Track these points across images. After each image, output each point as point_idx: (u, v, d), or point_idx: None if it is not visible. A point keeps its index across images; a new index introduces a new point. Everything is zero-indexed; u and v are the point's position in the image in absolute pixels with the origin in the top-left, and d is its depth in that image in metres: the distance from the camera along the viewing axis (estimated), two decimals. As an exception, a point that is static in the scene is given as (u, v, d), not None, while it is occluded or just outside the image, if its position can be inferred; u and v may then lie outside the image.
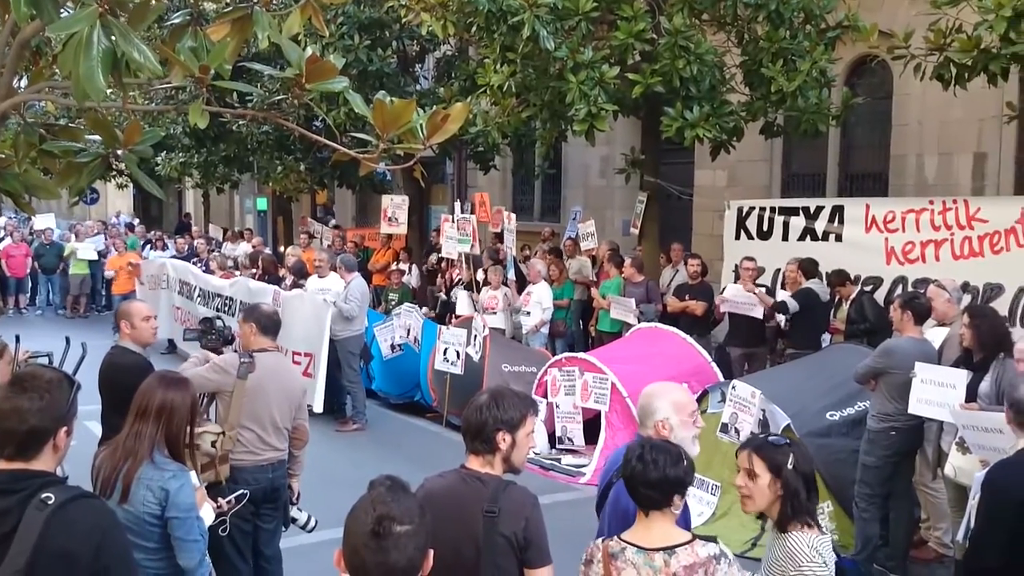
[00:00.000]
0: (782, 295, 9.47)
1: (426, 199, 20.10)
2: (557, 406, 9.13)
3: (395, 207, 13.81)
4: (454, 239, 11.72)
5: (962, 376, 5.77)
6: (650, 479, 3.00)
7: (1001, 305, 7.92)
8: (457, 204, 12.69)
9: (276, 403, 5.08)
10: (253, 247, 16.53)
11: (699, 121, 9.37)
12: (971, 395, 5.74)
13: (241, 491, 4.78)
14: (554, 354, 10.43)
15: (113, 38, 2.60)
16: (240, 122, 16.06)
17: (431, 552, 2.22)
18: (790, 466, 3.22)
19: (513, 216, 12.37)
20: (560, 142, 14.71)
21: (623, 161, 12.41)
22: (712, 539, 3.06)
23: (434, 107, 3.15)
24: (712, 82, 9.67)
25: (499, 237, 13.09)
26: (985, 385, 5.76)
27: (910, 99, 11.58)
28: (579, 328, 12.59)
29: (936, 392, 5.82)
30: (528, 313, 11.35)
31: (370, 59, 13.18)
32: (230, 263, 14.48)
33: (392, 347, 11.11)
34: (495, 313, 11.46)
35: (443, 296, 13.40)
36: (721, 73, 10.04)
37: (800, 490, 3.23)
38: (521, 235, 15.75)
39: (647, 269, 11.37)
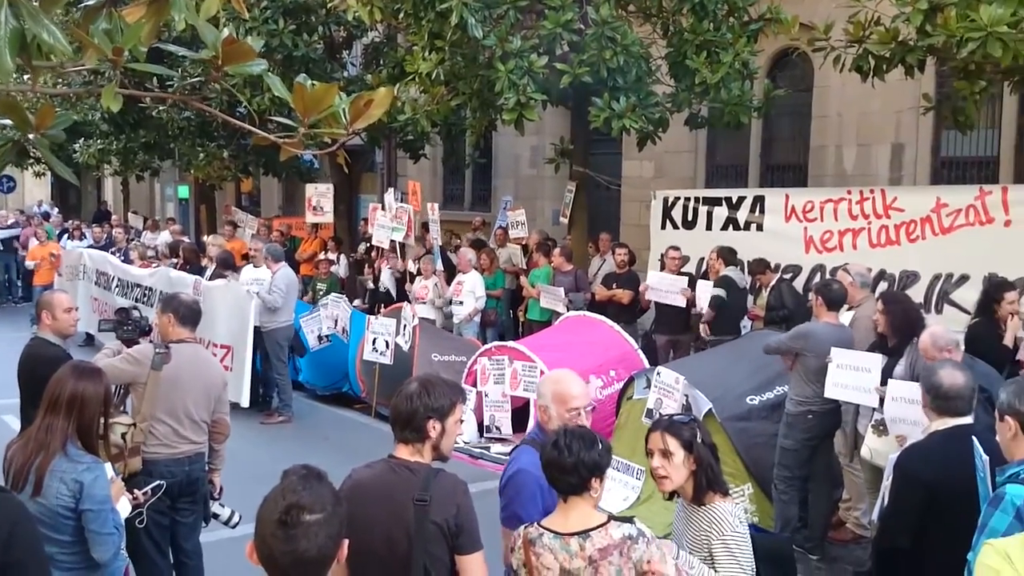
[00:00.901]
0: (703, 285, 9.60)
1: (355, 188, 19.90)
2: (486, 395, 9.15)
3: (319, 196, 13.64)
4: (386, 227, 11.63)
5: (877, 360, 5.95)
6: (565, 465, 3.07)
7: (917, 292, 8.20)
8: (390, 192, 12.59)
9: (192, 396, 4.97)
10: (172, 235, 16.17)
11: (626, 112, 9.45)
12: (886, 379, 5.91)
13: (157, 483, 4.68)
14: (485, 343, 10.45)
15: (22, 19, 2.51)
16: (160, 107, 15.66)
17: (345, 541, 2.21)
18: (699, 440, 3.43)
19: (437, 206, 12.35)
20: (490, 131, 14.68)
21: (553, 151, 12.47)
22: (629, 519, 3.12)
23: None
24: (638, 73, 9.75)
25: (426, 227, 13.05)
26: (899, 369, 5.94)
27: (830, 91, 11.87)
28: (509, 317, 12.63)
29: (852, 376, 5.99)
30: (461, 303, 11.33)
31: (295, 44, 12.96)
32: (150, 252, 14.14)
33: (319, 338, 10.99)
34: (425, 303, 11.43)
35: (371, 285, 13.30)
36: (647, 64, 10.14)
37: (712, 462, 3.44)
38: (452, 224, 15.76)
39: (576, 258, 11.46)
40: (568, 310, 10.31)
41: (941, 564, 3.62)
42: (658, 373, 7.45)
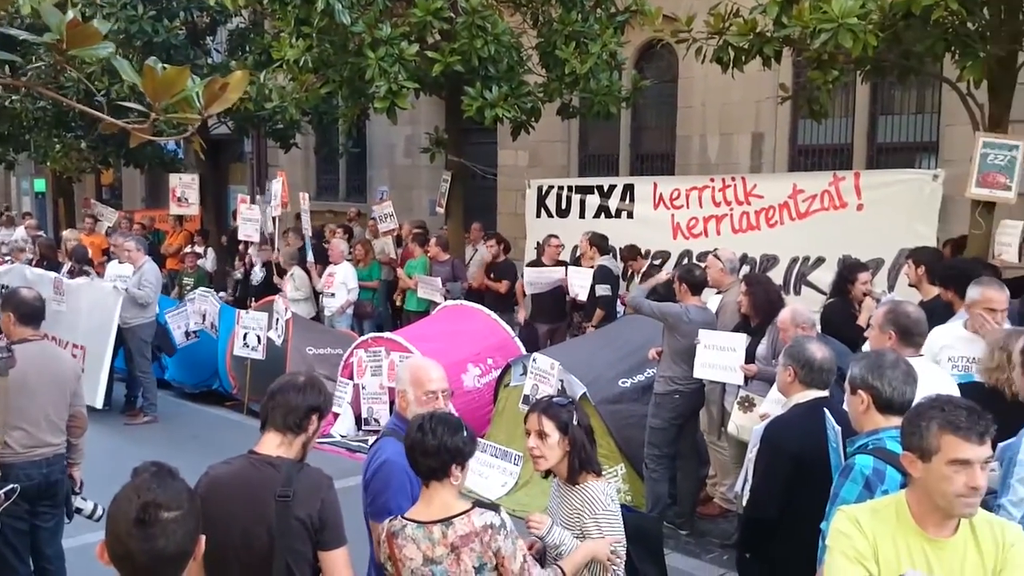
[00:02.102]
0: (576, 272, 9.71)
1: (224, 179, 19.33)
2: (363, 387, 9.04)
3: (184, 186, 13.18)
4: (253, 220, 11.33)
5: (741, 340, 6.17)
6: (427, 447, 3.07)
7: (776, 275, 8.54)
8: (277, 181, 12.28)
9: (47, 396, 4.75)
10: (28, 231, 15.34)
11: (498, 101, 9.51)
12: (749, 357, 6.16)
13: (10, 486, 4.44)
14: (361, 335, 10.33)
15: None
16: (14, 97, 14.81)
17: (203, 537, 2.17)
18: (575, 422, 3.51)
19: (307, 196, 12.12)
20: (363, 120, 14.51)
21: (428, 140, 12.43)
22: (494, 508, 3.15)
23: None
24: (510, 63, 9.83)
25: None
26: (762, 348, 6.19)
27: (694, 82, 12.23)
28: (387, 308, 12.52)
29: (718, 356, 6.21)
30: (332, 295, 11.17)
31: (155, 30, 12.45)
32: (4, 249, 13.37)
33: (187, 334, 10.63)
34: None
35: (238, 275, 12.94)
36: (518, 54, 10.23)
37: (585, 443, 3.52)
38: (328, 216, 15.52)
39: (453, 248, 11.46)
40: (446, 300, 10.30)
41: (805, 532, 3.76)
42: (534, 360, 7.54)
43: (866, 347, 4.89)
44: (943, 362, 4.96)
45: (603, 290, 9.33)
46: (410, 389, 3.66)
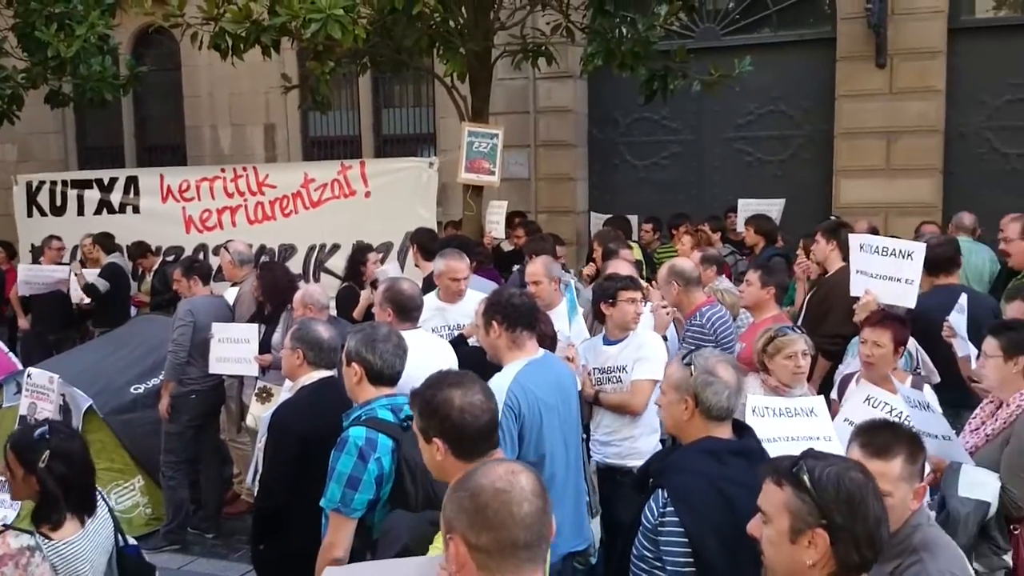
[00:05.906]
0: (87, 273, 8.91)
1: None
2: None
3: None
4: None
5: (254, 330, 6.07)
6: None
7: (296, 264, 8.58)
8: None
9: None
10: None
11: (-35, 86, 8.32)
12: (265, 347, 6.07)
13: None
14: None
15: None
16: None
17: None
18: (43, 464, 3.08)
19: None
20: None
21: None
22: (31, 532, 2.89)
23: None
24: (-23, 45, 8.65)
25: None
26: (276, 336, 6.12)
27: (199, 70, 11.85)
28: None
29: (232, 349, 6.05)
30: None
31: None
32: None
33: None
34: None
35: None
36: (-12, 35, 9.04)
37: (51, 490, 3.09)
38: None
39: (-81, 258, 9.82)
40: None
41: (317, 513, 3.79)
42: (28, 375, 6.72)
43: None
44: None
45: (104, 286, 8.62)
46: None
